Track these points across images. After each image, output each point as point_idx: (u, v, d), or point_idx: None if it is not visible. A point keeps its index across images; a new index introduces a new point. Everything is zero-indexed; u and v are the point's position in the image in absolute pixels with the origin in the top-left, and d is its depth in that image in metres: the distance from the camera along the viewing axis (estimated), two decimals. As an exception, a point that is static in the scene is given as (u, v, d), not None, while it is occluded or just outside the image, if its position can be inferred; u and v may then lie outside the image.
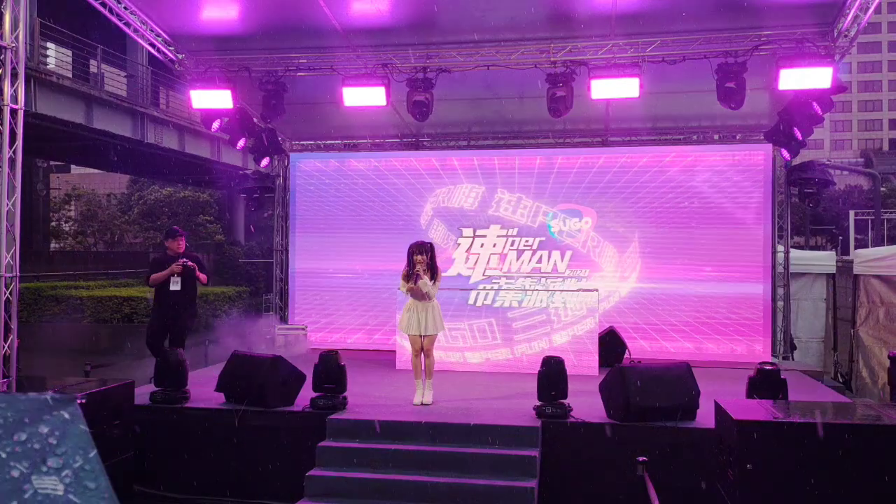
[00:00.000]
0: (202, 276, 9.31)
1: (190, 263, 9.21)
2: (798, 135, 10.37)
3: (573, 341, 10.27)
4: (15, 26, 8.21)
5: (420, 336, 7.90)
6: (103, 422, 6.31)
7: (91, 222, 39.77)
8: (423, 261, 7.81)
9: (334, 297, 12.75)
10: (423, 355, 7.97)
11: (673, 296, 11.68)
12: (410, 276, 7.83)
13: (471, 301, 10.68)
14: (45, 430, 1.19)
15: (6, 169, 8.06)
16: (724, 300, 11.58)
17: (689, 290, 11.65)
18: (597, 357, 10.19)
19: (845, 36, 9.25)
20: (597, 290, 10.70)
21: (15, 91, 8.18)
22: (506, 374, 10.11)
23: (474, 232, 12.32)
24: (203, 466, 7.50)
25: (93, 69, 23.97)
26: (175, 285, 9.14)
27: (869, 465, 4.88)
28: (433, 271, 7.88)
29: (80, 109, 21.44)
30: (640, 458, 5.06)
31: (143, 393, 7.88)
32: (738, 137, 12.20)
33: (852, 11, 8.87)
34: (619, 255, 11.93)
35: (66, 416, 1.25)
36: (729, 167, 11.73)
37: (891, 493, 4.80)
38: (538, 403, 7.26)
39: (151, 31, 10.35)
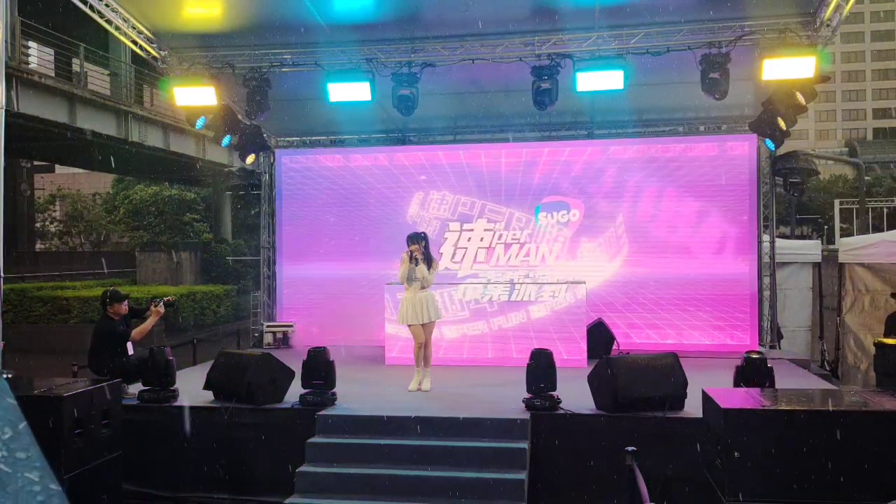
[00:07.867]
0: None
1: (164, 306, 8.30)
2: (782, 125, 10.43)
3: (561, 333, 10.29)
4: (-5, 25, 8.13)
5: (421, 325, 8.33)
6: (91, 421, 6.27)
7: (76, 222, 39.54)
8: (417, 248, 8.35)
9: (322, 293, 12.71)
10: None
11: (660, 286, 11.74)
12: (411, 258, 8.34)
13: (458, 295, 10.68)
14: None
15: (-12, 169, 7.97)
16: (710, 290, 11.64)
17: (677, 280, 11.71)
18: (585, 348, 10.23)
19: (828, 25, 9.29)
20: (584, 283, 10.72)
21: (-4, 90, 8.09)
22: (494, 367, 10.13)
23: (461, 226, 12.31)
24: (193, 464, 7.48)
25: (76, 68, 23.78)
26: (130, 350, 8.12)
27: (856, 451, 4.91)
28: (428, 260, 8.43)
29: (63, 108, 21.27)
30: (629, 448, 5.08)
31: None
32: (723, 128, 12.26)
33: (834, 1, 8.91)
34: (606, 246, 11.96)
35: None
36: (714, 158, 11.78)
37: (877, 479, 4.84)
38: (527, 396, 7.29)
39: (133, 28, 10.27)
